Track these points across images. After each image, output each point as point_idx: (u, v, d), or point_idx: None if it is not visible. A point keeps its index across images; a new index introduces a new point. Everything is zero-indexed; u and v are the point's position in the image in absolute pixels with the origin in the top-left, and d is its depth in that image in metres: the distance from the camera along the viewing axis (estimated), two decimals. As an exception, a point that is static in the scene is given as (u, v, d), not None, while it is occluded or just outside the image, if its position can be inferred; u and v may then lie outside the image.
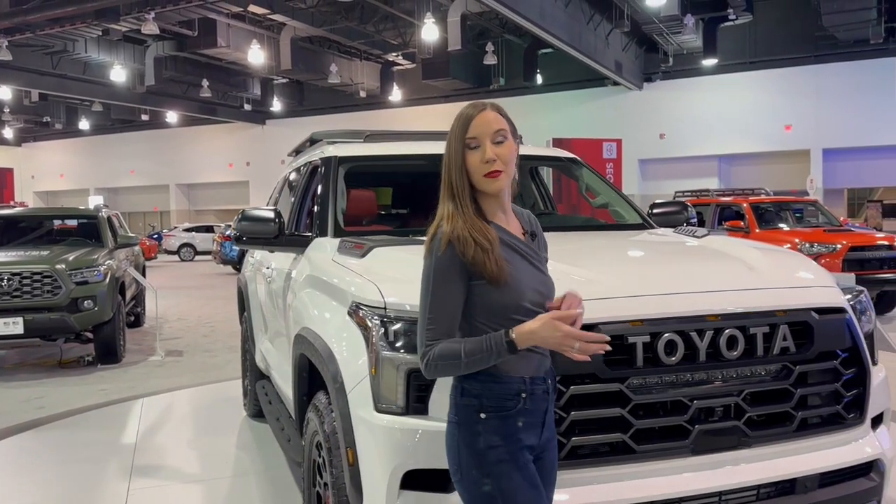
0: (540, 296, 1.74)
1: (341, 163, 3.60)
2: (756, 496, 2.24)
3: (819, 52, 24.93)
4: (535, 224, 1.90)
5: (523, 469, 1.71)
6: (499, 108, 1.80)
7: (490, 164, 1.71)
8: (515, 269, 1.71)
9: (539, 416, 1.75)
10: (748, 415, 2.23)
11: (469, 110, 1.78)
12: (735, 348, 2.20)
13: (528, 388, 1.72)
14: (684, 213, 3.89)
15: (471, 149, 1.74)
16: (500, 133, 1.74)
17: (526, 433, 1.73)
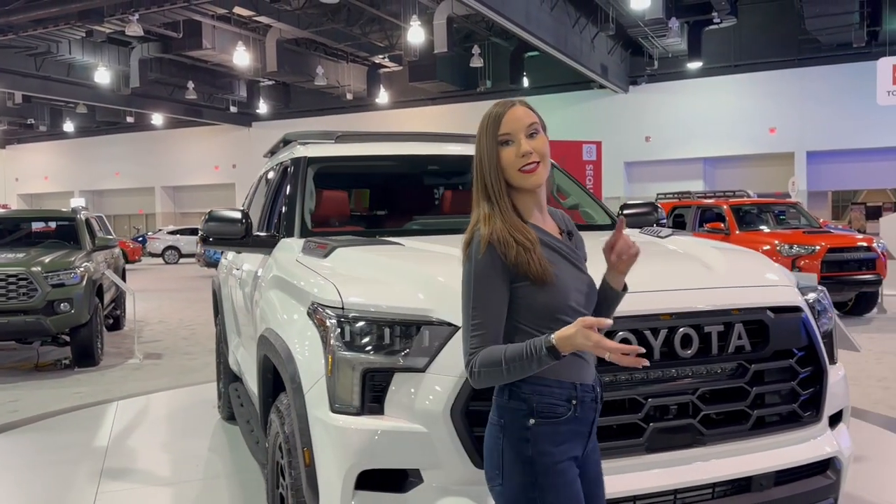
0: (583, 296, 1.70)
1: (310, 163, 3.59)
2: (712, 494, 2.25)
3: (802, 55, 25.16)
4: (570, 223, 1.84)
5: (572, 484, 1.65)
6: (527, 104, 1.77)
7: (527, 156, 1.67)
8: (558, 269, 1.66)
9: (587, 426, 1.70)
10: (703, 413, 2.24)
11: (498, 108, 1.74)
12: (690, 347, 2.21)
13: (579, 395, 1.66)
14: (654, 213, 3.91)
15: (504, 145, 1.70)
16: (533, 126, 1.71)
17: (573, 443, 1.67)
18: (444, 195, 3.99)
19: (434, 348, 2.10)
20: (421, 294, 2.21)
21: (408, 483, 2.09)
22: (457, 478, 2.05)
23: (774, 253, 9.04)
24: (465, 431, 2.03)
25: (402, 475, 2.10)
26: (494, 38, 26.82)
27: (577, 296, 1.68)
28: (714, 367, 2.27)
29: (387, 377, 2.12)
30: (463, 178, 4.01)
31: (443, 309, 2.13)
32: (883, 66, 16.67)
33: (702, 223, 10.59)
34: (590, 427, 1.71)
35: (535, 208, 1.74)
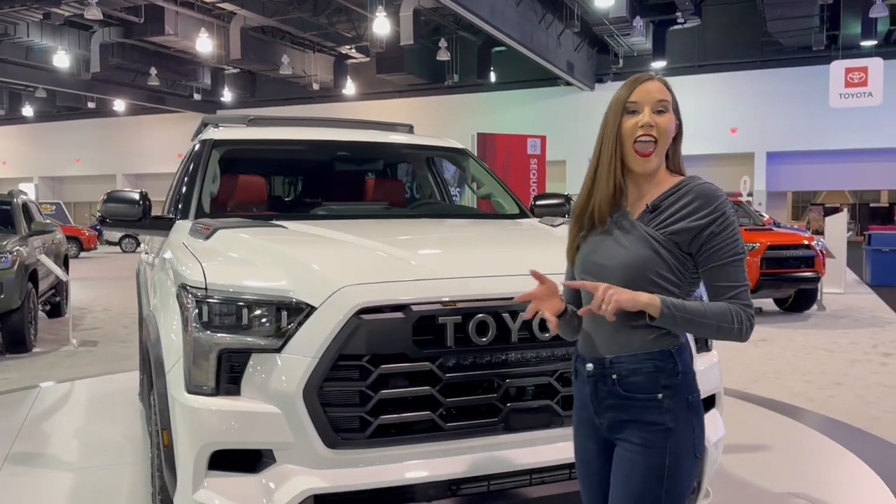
0: (598, 266, 1.72)
1: (215, 146, 3.57)
2: (569, 475, 2.29)
3: (765, 57, 25.60)
4: (675, 198, 1.68)
5: (576, 439, 1.85)
6: (664, 81, 1.74)
7: (646, 128, 1.66)
8: (591, 243, 1.75)
9: (586, 397, 1.75)
10: (561, 394, 2.28)
11: (632, 82, 1.73)
12: (548, 330, 2.23)
13: (577, 366, 1.80)
14: (566, 205, 3.95)
15: (629, 112, 1.69)
16: (662, 103, 1.69)
17: (578, 407, 1.82)
18: (355, 181, 3.99)
19: (291, 329, 2.10)
20: (284, 275, 2.21)
21: (261, 463, 2.10)
22: (309, 457, 2.06)
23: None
24: (318, 411, 2.04)
25: (255, 455, 2.11)
26: (462, 31, 26.82)
27: (592, 267, 1.73)
28: (574, 349, 2.30)
29: (244, 358, 2.12)
30: (374, 165, 4.03)
31: (303, 290, 2.14)
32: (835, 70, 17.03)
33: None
34: (592, 401, 1.73)
35: (632, 185, 1.74)
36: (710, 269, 1.65)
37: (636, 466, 1.64)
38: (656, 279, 1.64)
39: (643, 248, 1.65)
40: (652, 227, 1.67)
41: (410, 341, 2.09)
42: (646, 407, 1.65)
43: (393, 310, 2.09)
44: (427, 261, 2.31)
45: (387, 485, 2.07)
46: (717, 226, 1.64)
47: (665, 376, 1.65)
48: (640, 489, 1.63)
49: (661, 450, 1.63)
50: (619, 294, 1.56)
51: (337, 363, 2.05)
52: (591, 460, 1.79)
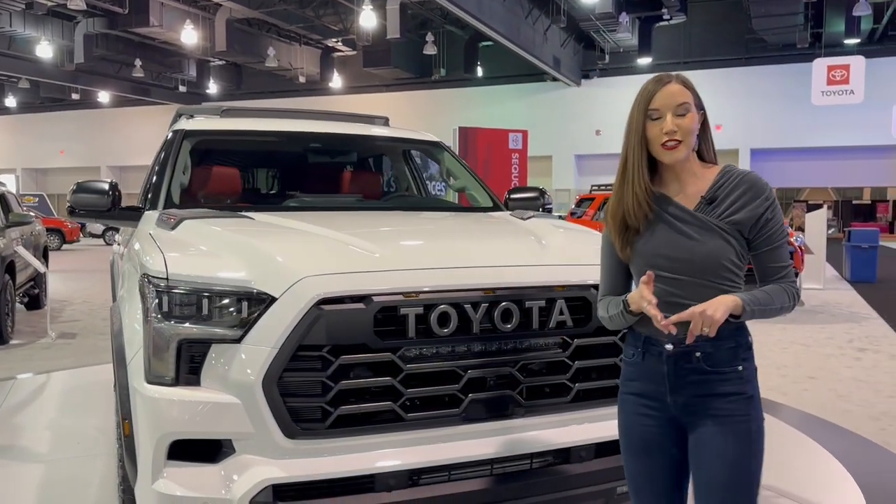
0: (669, 260, 1.79)
1: (186, 136, 3.55)
2: (530, 465, 2.31)
3: (750, 54, 25.75)
4: (727, 187, 1.81)
5: (630, 415, 1.92)
6: (684, 81, 1.83)
7: (670, 134, 1.77)
8: (648, 239, 1.82)
9: (657, 375, 1.84)
10: (522, 385, 2.29)
11: (653, 84, 1.82)
12: (510, 321, 2.25)
13: (644, 346, 1.86)
14: (541, 199, 3.97)
15: (652, 120, 1.80)
16: (684, 106, 1.79)
17: (639, 383, 1.88)
18: (328, 174, 3.98)
19: (251, 320, 2.10)
20: (245, 266, 2.21)
21: (221, 453, 2.10)
22: (269, 448, 2.07)
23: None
24: (278, 402, 2.05)
25: (215, 445, 2.11)
26: (449, 26, 26.77)
27: (662, 261, 1.80)
28: (536, 341, 2.33)
29: (204, 348, 2.12)
30: (348, 158, 4.02)
31: (263, 280, 2.14)
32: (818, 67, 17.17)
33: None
34: (664, 378, 1.82)
35: (674, 179, 1.85)
36: (764, 252, 1.81)
37: (731, 436, 1.77)
38: (728, 265, 1.78)
39: (715, 239, 1.77)
40: (714, 217, 1.79)
41: (371, 332, 2.10)
42: (727, 379, 1.79)
43: (354, 300, 2.10)
44: (390, 252, 2.32)
45: (346, 474, 2.08)
46: (770, 212, 1.80)
47: (742, 350, 1.82)
48: (738, 455, 1.77)
49: (747, 416, 1.79)
50: (714, 313, 1.67)
51: (297, 353, 2.05)
52: (650, 436, 1.88)
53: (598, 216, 11.73)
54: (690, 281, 1.77)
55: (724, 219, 1.78)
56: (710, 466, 1.78)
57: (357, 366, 2.12)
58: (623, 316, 1.84)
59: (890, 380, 6.04)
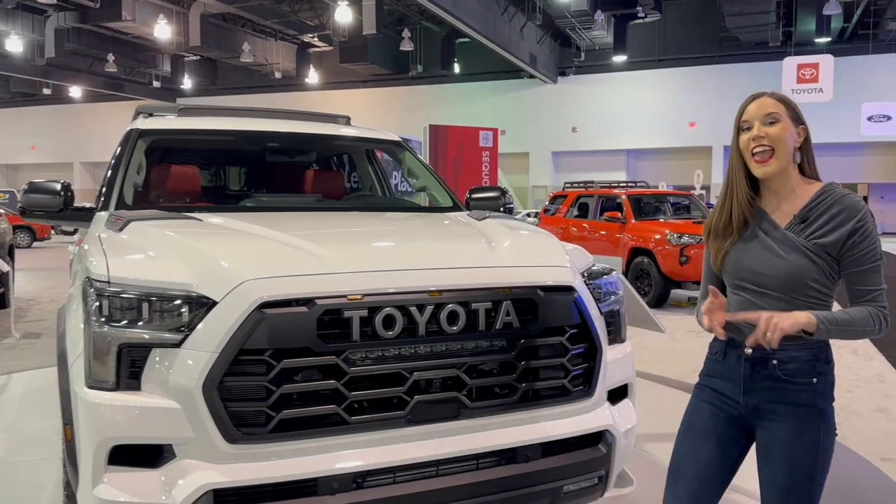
0: (756, 275, 1.90)
1: (141, 136, 3.51)
2: (476, 465, 2.31)
3: (723, 52, 26.01)
4: (821, 208, 1.87)
5: (698, 402, 2.06)
6: (779, 96, 1.93)
7: (757, 140, 1.87)
8: (740, 251, 1.94)
9: (734, 374, 1.95)
10: (469, 386, 2.30)
11: (747, 99, 1.96)
12: (456, 323, 2.26)
13: (726, 348, 1.98)
14: (501, 198, 3.98)
15: (743, 130, 1.92)
16: (772, 116, 1.88)
17: (716, 379, 2.01)
18: (287, 173, 3.96)
19: (191, 324, 2.08)
20: (188, 269, 2.19)
21: (162, 458, 2.09)
22: (209, 452, 2.05)
23: (664, 241, 9.36)
24: (218, 406, 2.03)
25: (156, 450, 2.09)
26: (426, 22, 26.73)
27: (749, 275, 1.92)
28: (483, 342, 2.33)
29: (144, 352, 2.10)
30: (306, 157, 4.00)
31: (205, 284, 2.12)
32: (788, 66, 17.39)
33: (602, 212, 10.87)
34: (740, 379, 1.94)
35: (770, 194, 1.95)
36: (851, 273, 1.86)
37: (797, 443, 1.87)
38: (813, 284, 1.85)
39: (800, 258, 1.84)
40: (803, 237, 1.86)
41: (315, 335, 2.09)
42: (800, 390, 1.87)
43: (296, 304, 2.09)
44: (336, 254, 2.31)
45: (289, 479, 2.07)
46: (860, 235, 1.84)
47: (820, 364, 1.89)
48: (804, 462, 1.87)
49: (816, 427, 1.87)
50: (781, 322, 1.75)
51: (238, 358, 2.04)
52: (713, 424, 2.00)
53: (570, 213, 11.80)
54: (774, 296, 1.87)
55: (811, 239, 1.85)
56: (774, 470, 1.90)
57: (300, 369, 2.11)
58: (701, 322, 1.99)
59: (850, 375, 6.16)
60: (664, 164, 27.29)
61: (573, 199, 11.74)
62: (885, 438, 4.50)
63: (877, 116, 23.00)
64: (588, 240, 11.03)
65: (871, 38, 24.63)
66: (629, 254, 10.02)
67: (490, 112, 27.68)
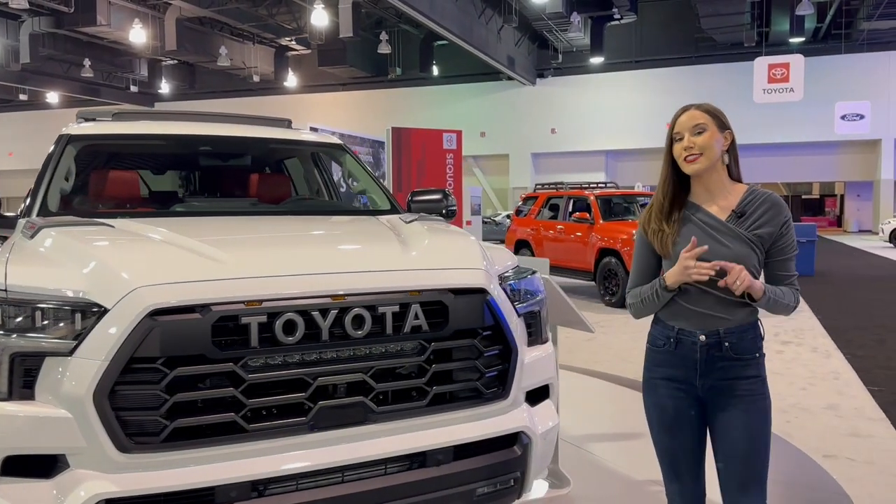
0: (702, 261, 2.08)
1: (70, 141, 3.47)
2: (384, 471, 2.29)
3: (699, 53, 26.20)
4: (754, 205, 2.16)
5: (660, 397, 2.24)
6: (705, 108, 2.18)
7: (688, 150, 2.14)
8: (684, 240, 2.13)
9: (687, 361, 2.17)
10: (376, 391, 2.28)
11: (678, 112, 2.22)
12: (362, 327, 2.24)
13: (676, 335, 2.18)
14: (444, 201, 3.96)
15: (676, 140, 2.18)
16: (699, 126, 2.14)
17: (668, 369, 2.21)
18: (221, 177, 3.92)
19: (83, 332, 2.05)
20: (83, 276, 2.16)
21: (56, 468, 2.05)
22: (102, 462, 2.02)
23: (631, 242, 9.40)
24: (109, 415, 2.00)
25: (50, 460, 2.06)
26: (404, 25, 26.73)
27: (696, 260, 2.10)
28: (391, 346, 2.32)
29: (37, 361, 2.06)
30: (241, 161, 3.96)
31: (97, 291, 2.09)
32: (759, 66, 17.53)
33: (571, 213, 10.90)
34: (696, 364, 2.16)
35: (703, 190, 2.21)
36: (776, 261, 2.17)
37: (751, 412, 2.14)
38: (752, 269, 2.10)
39: (742, 247, 2.11)
40: (743, 228, 2.13)
41: (209, 342, 2.06)
42: (748, 364, 2.15)
43: (189, 311, 2.06)
44: (238, 259, 2.28)
45: (184, 487, 2.04)
46: (786, 228, 2.16)
47: (759, 340, 2.19)
48: (758, 427, 2.15)
49: (763, 394, 2.17)
50: (748, 276, 2.02)
51: (130, 366, 2.01)
52: (682, 413, 2.21)
53: (541, 214, 11.82)
54: (718, 280, 2.08)
55: (750, 230, 2.13)
56: (735, 438, 2.14)
57: (195, 377, 2.08)
58: (658, 295, 2.18)
59: (806, 372, 6.20)
60: (643, 165, 27.42)
61: (544, 201, 11.76)
62: (831, 436, 4.53)
63: (850, 115, 23.25)
64: (558, 240, 11.06)
65: (844, 38, 24.90)
66: (597, 254, 10.05)
67: (469, 114, 27.72)
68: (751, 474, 2.16)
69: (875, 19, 23.02)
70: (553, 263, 11.17)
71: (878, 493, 3.64)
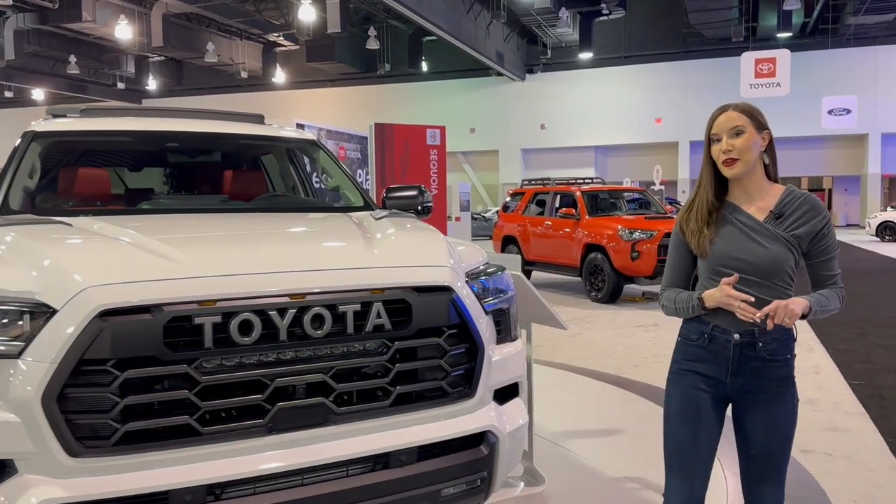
0: (741, 262, 2.12)
1: (35, 138, 3.41)
2: (346, 473, 2.25)
3: (688, 48, 26.21)
4: (792, 206, 2.15)
5: (685, 387, 2.22)
6: (743, 108, 2.18)
7: (727, 152, 2.13)
8: (722, 240, 2.15)
9: (721, 357, 2.16)
10: (336, 392, 2.24)
11: (715, 112, 2.21)
12: (322, 327, 2.20)
13: (710, 332, 2.18)
14: (420, 197, 3.92)
15: (714, 142, 2.17)
16: (737, 128, 2.14)
17: (698, 363, 2.20)
18: (189, 174, 3.86)
19: (31, 333, 2.00)
20: (33, 277, 2.10)
21: (4, 474, 2.00)
22: (51, 467, 1.97)
23: (616, 237, 9.38)
24: (58, 419, 1.95)
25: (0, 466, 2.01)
26: (392, 20, 26.61)
27: (734, 262, 2.13)
28: (353, 345, 2.27)
29: (-14, 364, 2.01)
30: (210, 157, 3.90)
31: (47, 292, 2.03)
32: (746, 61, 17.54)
33: (558, 208, 10.88)
34: (727, 362, 2.15)
35: (740, 190, 2.20)
36: (818, 262, 2.17)
37: (781, 413, 2.17)
38: (788, 270, 2.13)
39: (780, 247, 2.11)
40: (780, 229, 2.13)
41: (161, 343, 2.01)
42: (780, 366, 2.16)
43: (140, 311, 2.01)
44: (196, 258, 2.23)
45: (136, 492, 2.00)
46: (826, 228, 2.16)
47: (791, 342, 2.19)
48: (785, 427, 2.19)
49: (793, 395, 2.19)
50: (794, 307, 2.00)
51: (79, 368, 1.96)
52: (704, 407, 2.21)
53: (528, 210, 11.79)
54: (756, 281, 2.10)
55: (788, 231, 2.13)
56: (761, 436, 2.17)
57: (147, 379, 2.03)
58: (694, 310, 2.18)
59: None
60: (632, 160, 27.46)
61: (531, 196, 11.73)
62: (810, 430, 4.52)
63: (837, 110, 23.30)
64: (545, 236, 11.03)
65: (831, 33, 24.97)
66: (583, 250, 10.02)
67: (459, 110, 27.66)
68: (773, 470, 2.22)
69: (862, 14, 23.09)
70: (540, 259, 11.18)
71: (854, 487, 3.63)
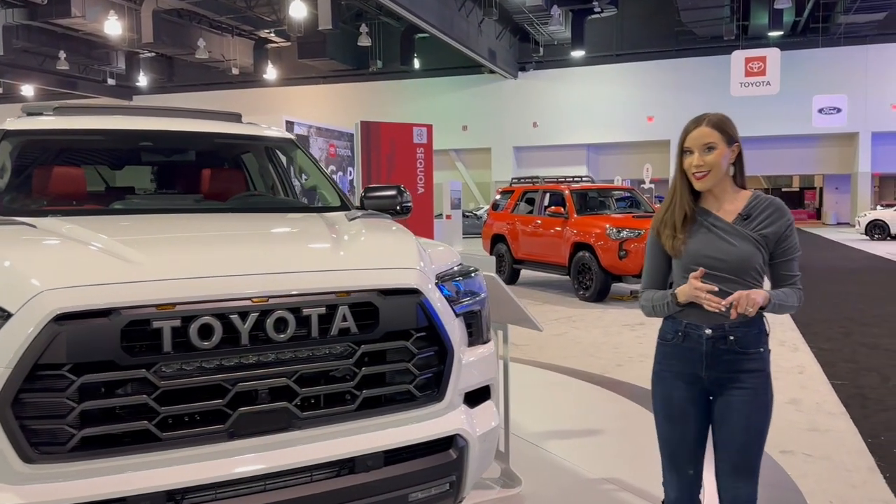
0: (714, 260, 2.22)
1: (6, 137, 3.36)
2: (310, 478, 2.22)
3: (679, 46, 26.23)
4: (759, 208, 2.26)
5: (668, 389, 2.32)
6: (715, 122, 2.25)
7: (698, 167, 2.23)
8: (695, 241, 2.26)
9: (695, 354, 2.25)
10: (300, 396, 2.21)
11: (689, 124, 2.28)
12: (285, 331, 2.16)
13: (684, 329, 2.27)
14: (398, 197, 3.88)
15: (687, 153, 2.26)
16: (709, 144, 2.22)
17: (677, 361, 2.30)
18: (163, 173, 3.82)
19: (-15, 337, 1.96)
20: (-9, 279, 2.06)
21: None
22: (6, 473, 1.93)
23: (604, 236, 9.37)
24: (12, 425, 1.91)
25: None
26: (384, 17, 26.53)
27: (706, 261, 2.23)
28: (318, 349, 2.24)
29: (-58, 370, 1.97)
30: (185, 157, 3.86)
31: (4, 295, 1.98)
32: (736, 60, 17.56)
33: (547, 207, 10.86)
34: (702, 357, 2.25)
35: (711, 197, 2.31)
36: (781, 262, 2.28)
37: (752, 405, 2.23)
38: (757, 268, 2.23)
39: (749, 246, 2.22)
40: (749, 229, 2.24)
41: (119, 348, 1.98)
42: (752, 359, 2.24)
43: (97, 315, 1.98)
44: (156, 260, 2.19)
45: (93, 498, 1.96)
46: (790, 231, 2.28)
47: (763, 335, 2.28)
48: (758, 420, 2.26)
49: (766, 387, 2.27)
50: (756, 297, 2.12)
51: (34, 373, 1.92)
52: (687, 405, 2.31)
53: (517, 208, 11.77)
54: (728, 278, 2.20)
55: (756, 231, 2.24)
56: (734, 429, 2.24)
57: (104, 384, 2.00)
58: (668, 307, 2.29)
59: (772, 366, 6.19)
60: (624, 158, 27.48)
61: (520, 195, 11.71)
62: (791, 431, 4.51)
63: (827, 109, 23.36)
64: (534, 235, 11.01)
65: (822, 32, 25.02)
66: (571, 248, 10.01)
67: (451, 108, 27.61)
68: (745, 462, 2.28)
69: (852, 13, 23.14)
70: (529, 258, 11.16)
71: (831, 488, 3.63)
